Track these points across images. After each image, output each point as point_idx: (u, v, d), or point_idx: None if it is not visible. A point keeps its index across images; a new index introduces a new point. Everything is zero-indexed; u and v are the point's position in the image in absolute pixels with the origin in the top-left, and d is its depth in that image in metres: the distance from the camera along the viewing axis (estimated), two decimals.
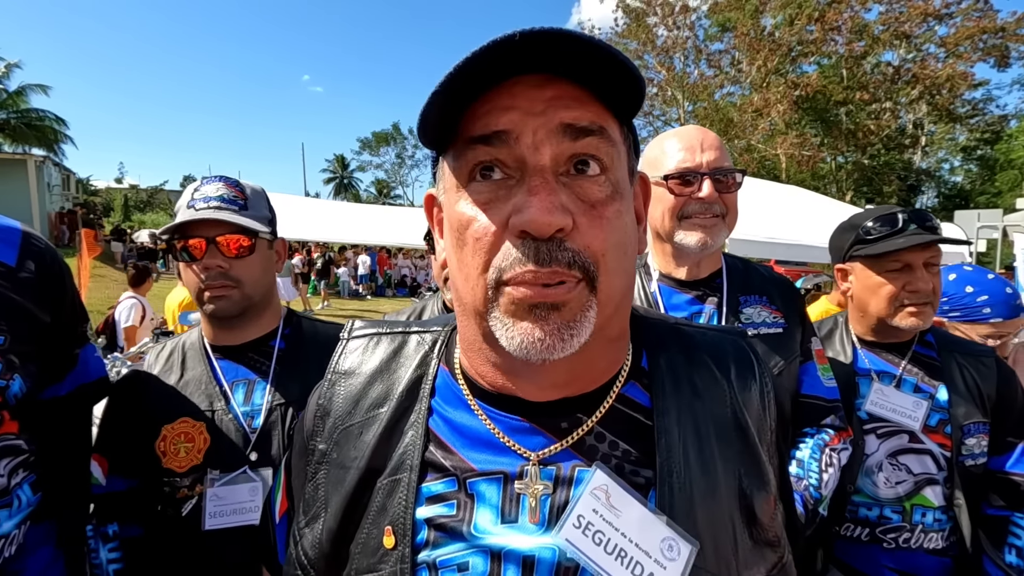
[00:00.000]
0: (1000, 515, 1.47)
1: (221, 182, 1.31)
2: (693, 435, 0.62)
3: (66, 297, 1.19)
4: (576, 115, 0.54)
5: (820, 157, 26.19)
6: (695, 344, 0.70)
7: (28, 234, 1.14)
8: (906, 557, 1.47)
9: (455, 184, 0.58)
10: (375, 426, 0.66)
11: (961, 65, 24.39)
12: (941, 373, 1.52)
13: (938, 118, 27.20)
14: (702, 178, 1.32)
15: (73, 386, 1.23)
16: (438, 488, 0.61)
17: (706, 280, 1.42)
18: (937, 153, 30.79)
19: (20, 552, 1.09)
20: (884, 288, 1.51)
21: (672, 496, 0.59)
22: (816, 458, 1.29)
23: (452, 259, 0.60)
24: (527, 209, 0.52)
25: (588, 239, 0.54)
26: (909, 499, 1.48)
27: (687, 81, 28.13)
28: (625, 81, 0.54)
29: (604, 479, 0.59)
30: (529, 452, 0.61)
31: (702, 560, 0.57)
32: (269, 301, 1.38)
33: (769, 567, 0.63)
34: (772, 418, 0.69)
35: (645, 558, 0.56)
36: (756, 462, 0.65)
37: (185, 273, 1.28)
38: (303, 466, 0.71)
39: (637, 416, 0.64)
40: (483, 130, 0.54)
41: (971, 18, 24.20)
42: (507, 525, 0.59)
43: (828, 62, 27.08)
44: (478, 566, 0.57)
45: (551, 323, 0.53)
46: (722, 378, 0.68)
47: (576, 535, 0.56)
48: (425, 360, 0.70)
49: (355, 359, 0.73)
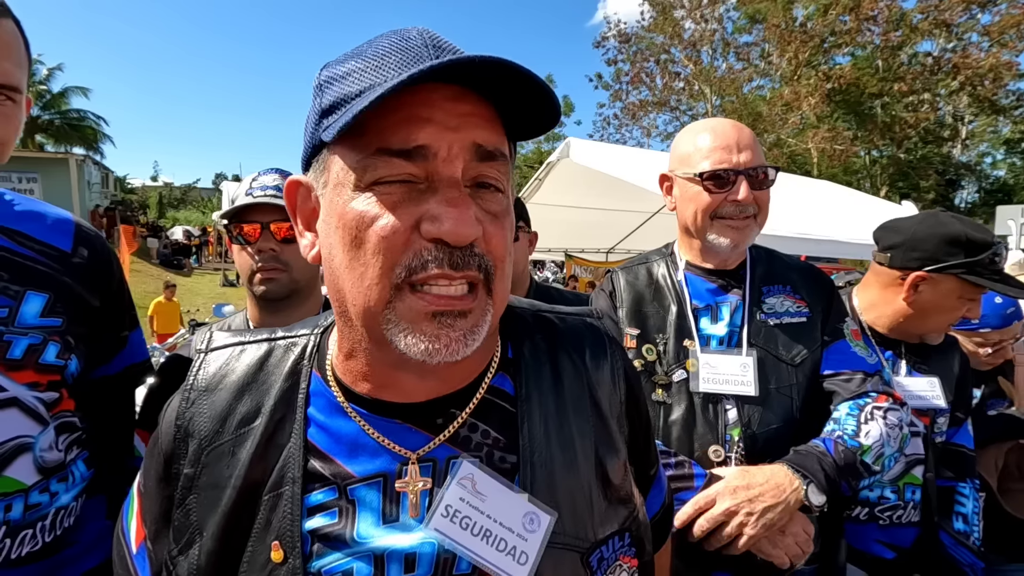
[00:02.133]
0: (948, 485, 1.59)
1: (277, 173, 1.41)
2: (554, 416, 0.68)
3: (114, 282, 1.25)
4: (486, 137, 0.57)
5: (853, 151, 25.46)
6: (555, 331, 0.76)
7: (79, 223, 1.22)
8: (896, 532, 1.55)
9: (351, 181, 0.56)
10: (248, 442, 0.64)
11: (1006, 54, 23.37)
12: (930, 360, 1.63)
13: (980, 110, 26.15)
14: (738, 179, 1.31)
15: (121, 366, 1.30)
16: (319, 498, 0.62)
17: (733, 271, 1.43)
18: (978, 146, 29.63)
19: (77, 523, 1.16)
20: (956, 313, 1.55)
21: (534, 474, 0.64)
22: (854, 414, 1.27)
23: (339, 257, 0.58)
24: (446, 219, 0.54)
25: (492, 246, 0.58)
26: (903, 478, 1.55)
27: (715, 75, 27.63)
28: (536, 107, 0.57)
29: (470, 469, 0.63)
30: (408, 451, 0.63)
31: (560, 526, 0.63)
32: (312, 288, 1.46)
33: (622, 521, 0.69)
34: (621, 392, 0.75)
35: (508, 534, 0.62)
36: (608, 432, 0.71)
37: (239, 256, 1.38)
38: (164, 492, 0.67)
39: (505, 405, 0.68)
40: (402, 144, 0.54)
41: (1017, 5, 23.15)
42: (388, 527, 0.61)
43: (862, 53, 26.27)
44: (362, 570, 0.59)
45: (457, 329, 0.57)
46: (579, 360, 0.74)
47: (444, 523, 0.61)
48: (296, 368, 0.69)
49: (216, 374, 0.69)
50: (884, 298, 1.63)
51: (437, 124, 0.54)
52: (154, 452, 0.70)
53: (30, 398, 1.05)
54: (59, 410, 1.12)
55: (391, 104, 0.53)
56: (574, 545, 0.64)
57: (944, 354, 1.65)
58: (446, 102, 0.55)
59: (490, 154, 0.57)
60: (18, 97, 1.01)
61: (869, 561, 1.54)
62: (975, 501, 1.57)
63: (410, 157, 0.54)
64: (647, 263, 1.52)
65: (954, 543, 1.53)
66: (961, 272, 1.46)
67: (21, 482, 1.04)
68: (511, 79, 0.54)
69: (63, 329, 1.10)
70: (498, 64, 0.52)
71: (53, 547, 1.10)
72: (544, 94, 0.55)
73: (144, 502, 0.71)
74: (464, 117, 0.56)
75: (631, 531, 0.70)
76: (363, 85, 0.56)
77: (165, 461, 0.67)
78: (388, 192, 0.55)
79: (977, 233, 1.47)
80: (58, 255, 1.13)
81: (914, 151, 27.28)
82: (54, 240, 1.13)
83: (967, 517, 1.56)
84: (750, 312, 1.37)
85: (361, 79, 0.56)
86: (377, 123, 0.54)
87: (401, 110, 0.54)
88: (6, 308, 1.03)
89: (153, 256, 22.45)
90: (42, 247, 1.11)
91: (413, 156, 0.54)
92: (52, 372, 1.09)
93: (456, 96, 0.56)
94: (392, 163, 0.54)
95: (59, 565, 1.12)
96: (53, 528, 1.10)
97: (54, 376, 1.10)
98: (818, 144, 24.24)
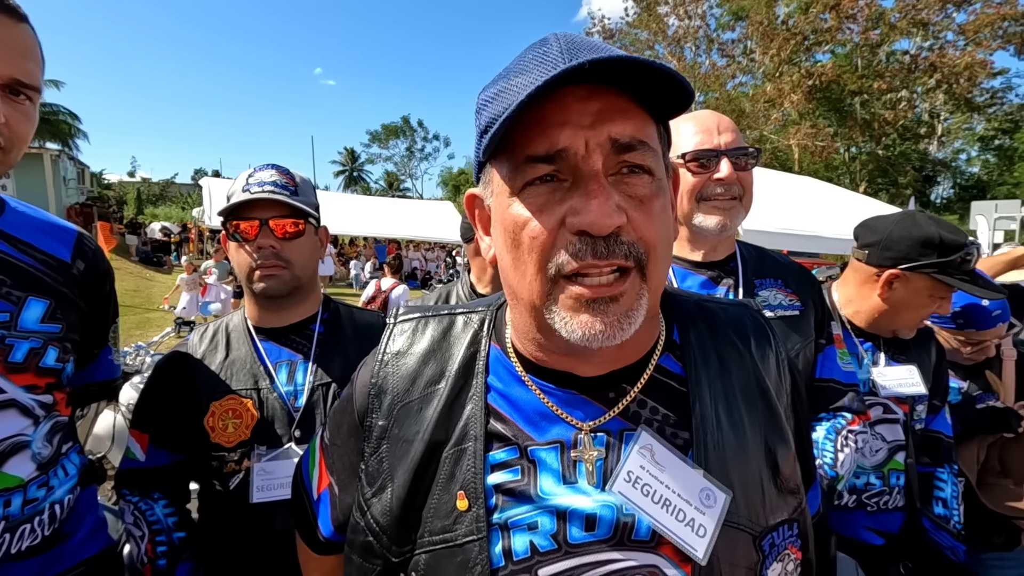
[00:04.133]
0: (927, 471, 1.64)
1: (274, 169, 1.38)
2: (723, 400, 0.69)
3: (107, 299, 1.28)
4: (620, 129, 0.58)
5: (834, 148, 25.85)
6: (718, 319, 0.77)
7: (82, 235, 1.24)
8: (884, 518, 1.59)
9: (508, 190, 0.62)
10: (434, 401, 0.71)
11: (980, 53, 23.89)
12: (907, 351, 1.68)
13: (955, 107, 26.71)
14: (720, 158, 1.34)
15: (89, 380, 1.32)
16: (502, 456, 0.67)
17: (721, 263, 1.43)
18: (954, 143, 30.28)
19: (73, 516, 1.18)
20: (926, 310, 1.59)
21: (707, 453, 0.66)
22: (831, 439, 1.33)
23: (505, 257, 0.64)
24: (586, 212, 0.57)
25: (641, 232, 0.60)
26: (887, 465, 1.59)
27: (699, 71, 27.83)
28: (670, 88, 0.58)
29: (649, 439, 0.66)
30: (580, 423, 0.67)
31: (735, 507, 0.64)
32: (313, 285, 1.46)
33: (791, 511, 0.70)
34: (787, 383, 0.77)
35: (687, 506, 0.63)
36: (777, 421, 0.72)
37: (237, 254, 1.35)
38: (355, 443, 0.76)
39: (673, 384, 0.71)
40: (544, 150, 0.58)
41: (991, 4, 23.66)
42: (568, 487, 0.65)
43: (843, 51, 26.66)
44: (546, 524, 0.63)
45: (611, 315, 0.59)
46: (744, 349, 0.75)
47: (627, 488, 0.63)
48: (476, 339, 0.75)
49: (405, 341, 0.77)
50: (861, 294, 1.68)
51: (573, 125, 0.58)
52: (347, 409, 0.79)
53: (28, 400, 1.07)
54: (54, 411, 1.14)
55: (533, 115, 0.58)
56: (748, 527, 0.65)
57: (921, 344, 1.69)
58: (578, 103, 0.58)
59: (627, 145, 0.59)
60: (36, 97, 1.04)
61: (858, 548, 1.57)
62: (954, 486, 1.62)
63: (552, 161, 0.58)
64: None
65: (934, 527, 1.58)
66: (933, 272, 1.53)
67: (19, 477, 1.05)
68: (630, 69, 0.56)
69: (62, 335, 1.12)
70: (608, 62, 0.54)
71: (52, 540, 1.12)
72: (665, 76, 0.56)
73: (330, 454, 0.82)
74: (597, 114, 0.58)
75: (799, 522, 0.71)
76: (507, 103, 0.58)
77: (359, 415, 0.76)
78: (536, 195, 0.60)
79: (950, 235, 1.53)
80: (57, 265, 1.15)
81: (892, 148, 27.78)
82: (54, 250, 1.15)
83: (947, 501, 1.60)
84: None
85: (505, 99, 0.59)
86: (523, 134, 0.59)
87: (543, 119, 0.58)
88: (8, 313, 1.04)
89: (132, 253, 22.02)
90: (43, 256, 1.13)
91: (555, 160, 0.58)
92: (50, 375, 1.11)
93: (588, 95, 0.59)
94: (538, 168, 0.59)
95: (58, 558, 1.13)
96: (52, 522, 1.12)
97: (51, 379, 1.12)
98: (800, 140, 24.58)
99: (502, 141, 0.60)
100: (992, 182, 30.04)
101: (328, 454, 0.82)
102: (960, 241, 1.53)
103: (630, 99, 0.60)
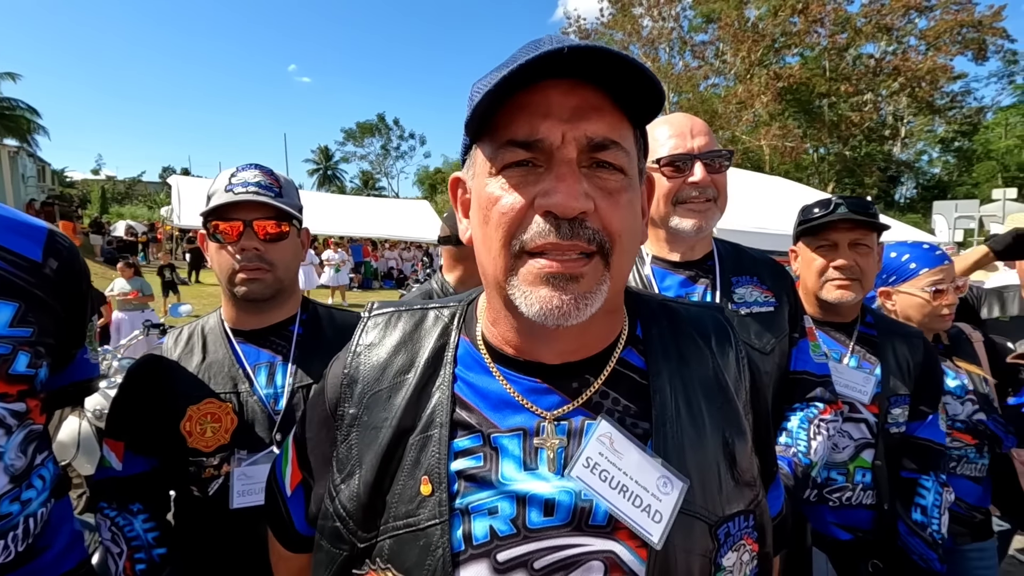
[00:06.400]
0: (911, 477, 1.65)
1: (258, 169, 1.34)
2: (683, 393, 0.72)
3: (81, 299, 1.21)
4: (596, 128, 0.61)
5: (803, 148, 26.55)
6: (680, 318, 0.81)
7: (53, 232, 1.17)
8: (847, 513, 1.62)
9: (487, 170, 0.65)
10: (403, 390, 0.72)
11: (941, 58, 24.81)
12: (878, 350, 1.69)
13: (918, 110, 27.69)
14: (694, 162, 1.37)
15: (67, 381, 1.26)
16: (466, 443, 0.68)
17: (698, 262, 1.46)
18: (916, 145, 31.37)
19: (48, 529, 1.13)
20: (815, 263, 1.68)
21: (666, 443, 0.68)
22: (804, 428, 1.38)
23: (477, 235, 0.68)
24: (555, 193, 0.59)
25: (606, 221, 0.62)
26: (852, 462, 1.63)
27: (672, 72, 28.25)
28: (644, 92, 0.62)
29: (608, 428, 0.68)
30: (544, 411, 0.69)
31: (692, 495, 0.66)
32: (294, 287, 1.42)
33: (747, 503, 0.72)
34: (746, 379, 0.79)
35: (644, 492, 0.65)
36: (735, 415, 0.74)
37: (219, 255, 1.31)
38: (327, 434, 0.77)
39: (634, 376, 0.73)
40: (524, 136, 0.61)
41: (950, 11, 24.59)
42: (529, 473, 0.66)
43: (811, 54, 27.36)
44: (506, 509, 0.65)
45: (569, 292, 0.61)
46: (704, 345, 0.78)
47: (585, 473, 0.65)
48: (446, 331, 0.77)
49: (378, 333, 0.79)
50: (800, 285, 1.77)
51: (553, 117, 0.61)
52: (319, 401, 0.80)
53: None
54: (27, 419, 1.08)
55: (517, 102, 0.61)
56: (704, 515, 0.66)
57: (894, 345, 1.69)
58: (559, 96, 0.61)
59: (601, 144, 0.62)
60: None
61: (829, 543, 1.60)
62: (937, 495, 1.61)
63: (530, 148, 0.61)
64: None
65: (908, 532, 1.59)
66: (798, 230, 1.74)
67: None
68: (611, 65, 0.58)
69: (34, 339, 1.06)
70: (594, 50, 0.56)
71: (26, 556, 1.06)
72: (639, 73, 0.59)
73: (302, 449, 0.82)
74: (575, 109, 0.61)
75: (755, 514, 0.72)
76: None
77: (331, 406, 0.77)
78: (512, 175, 0.63)
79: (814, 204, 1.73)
80: (28, 265, 1.08)
81: (859, 149, 28.65)
82: (23, 249, 1.09)
83: (926, 509, 1.60)
84: (721, 302, 1.41)
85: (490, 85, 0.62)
86: (507, 120, 0.62)
87: (527, 106, 0.61)
88: None
89: (97, 254, 21.28)
90: (11, 256, 1.06)
91: (532, 147, 0.61)
92: (22, 382, 1.05)
93: (570, 90, 0.61)
94: (517, 152, 0.62)
95: (33, 573, 1.08)
96: (26, 536, 1.06)
97: (23, 386, 1.06)
98: (770, 141, 25.14)
99: (488, 124, 0.64)
100: (952, 182, 31.21)
101: (301, 449, 0.83)
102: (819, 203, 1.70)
103: (609, 99, 0.63)
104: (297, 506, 0.83)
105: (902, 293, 1.93)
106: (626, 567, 0.63)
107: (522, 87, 0.60)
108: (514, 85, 0.59)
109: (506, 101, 0.61)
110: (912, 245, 1.97)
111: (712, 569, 0.66)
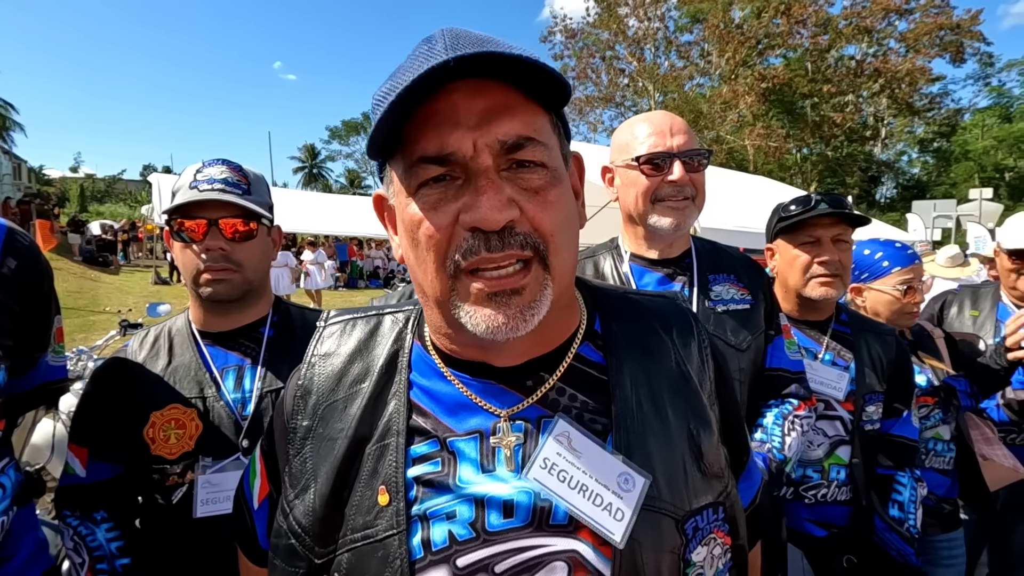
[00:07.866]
0: (887, 474, 1.66)
1: (225, 165, 1.29)
2: (645, 386, 0.70)
3: (43, 299, 1.17)
4: (507, 129, 0.58)
5: (786, 149, 26.87)
6: (643, 310, 0.79)
7: (12, 230, 1.12)
8: (823, 510, 1.63)
9: (404, 191, 0.62)
10: (359, 399, 0.71)
11: (920, 60, 25.26)
12: (852, 348, 1.70)
13: (898, 111, 28.18)
14: (673, 160, 1.37)
15: (30, 385, 1.22)
16: (423, 449, 0.67)
17: (676, 259, 1.47)
18: (896, 145, 31.91)
19: (10, 537, 1.09)
20: (798, 260, 1.66)
21: (627, 438, 0.66)
22: (779, 424, 1.39)
23: (409, 255, 0.66)
24: (476, 208, 0.57)
25: (536, 222, 0.60)
26: (827, 459, 1.63)
27: (658, 72, 28.40)
28: (550, 82, 0.59)
29: (565, 427, 0.66)
30: (500, 410, 0.67)
31: (656, 491, 0.65)
32: (265, 287, 1.38)
33: (715, 495, 0.70)
34: (710, 369, 0.77)
35: (604, 491, 0.64)
36: (700, 406, 0.73)
37: (183, 254, 1.26)
38: (284, 447, 0.74)
39: (592, 372, 0.71)
40: (434, 151, 0.58)
41: (929, 14, 25.06)
42: (487, 475, 0.65)
43: (794, 55, 27.70)
44: (464, 513, 0.63)
45: (512, 307, 0.59)
46: (666, 336, 0.76)
47: (543, 475, 0.64)
48: (400, 336, 0.76)
49: (332, 343, 0.77)
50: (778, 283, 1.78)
51: (461, 127, 0.58)
52: (279, 413, 0.78)
53: None
54: None
55: (423, 113, 0.58)
56: (670, 511, 0.65)
57: (868, 342, 1.70)
58: (464, 100, 0.58)
59: (516, 145, 0.59)
60: None
61: (803, 540, 1.60)
62: (912, 490, 1.63)
63: (443, 163, 0.58)
64: (594, 257, 1.55)
65: (885, 527, 1.61)
66: (777, 227, 1.72)
67: None
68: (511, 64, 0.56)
69: None
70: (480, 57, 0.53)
71: None
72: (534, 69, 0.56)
73: (271, 462, 0.78)
74: (483, 113, 0.58)
75: (724, 506, 0.71)
76: None
77: (287, 418, 0.74)
78: (430, 194, 0.60)
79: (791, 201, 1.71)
80: None
81: (841, 149, 29.07)
82: None
83: (903, 505, 1.61)
84: (699, 299, 1.43)
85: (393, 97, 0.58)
86: (414, 133, 0.59)
87: (433, 117, 0.58)
88: None
89: (75, 253, 20.82)
90: None
91: (445, 162, 0.58)
92: None
93: (475, 91, 0.58)
94: (430, 169, 0.59)
95: None
96: None
97: None
98: (754, 141, 25.41)
99: (395, 140, 0.61)
100: (931, 182, 31.80)
101: (270, 462, 0.80)
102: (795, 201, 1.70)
103: (518, 93, 0.60)
104: (262, 520, 0.80)
105: (873, 290, 1.95)
106: (590, 566, 0.61)
107: (424, 98, 0.57)
108: (414, 97, 0.56)
109: (411, 112, 0.58)
110: (884, 243, 1.99)
111: (682, 565, 0.64)
